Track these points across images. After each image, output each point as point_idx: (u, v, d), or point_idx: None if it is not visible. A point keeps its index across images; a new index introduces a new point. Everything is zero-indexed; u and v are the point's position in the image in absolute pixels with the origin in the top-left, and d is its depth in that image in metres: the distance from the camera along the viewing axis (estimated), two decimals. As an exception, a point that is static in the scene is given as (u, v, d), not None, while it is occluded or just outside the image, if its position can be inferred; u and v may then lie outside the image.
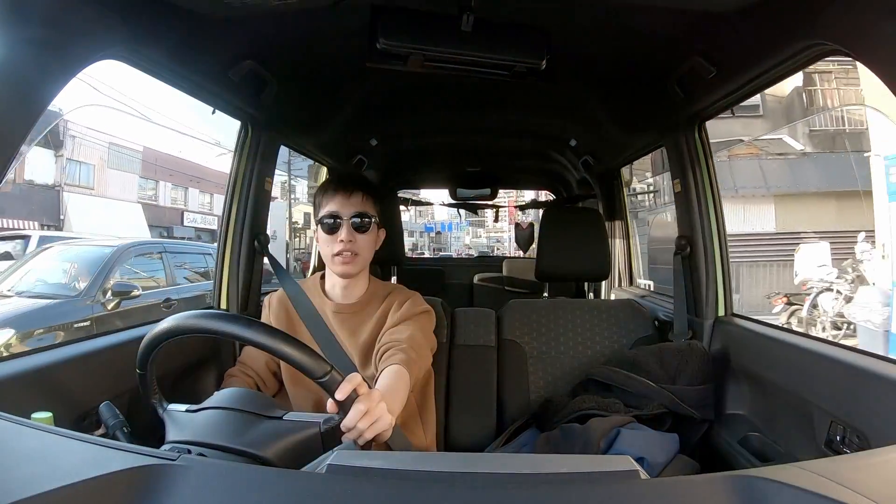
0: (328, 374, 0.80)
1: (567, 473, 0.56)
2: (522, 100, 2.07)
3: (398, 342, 1.17)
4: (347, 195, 1.25)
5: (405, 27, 1.11)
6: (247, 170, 1.63)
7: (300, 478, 0.58)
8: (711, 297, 1.56)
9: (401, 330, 1.22)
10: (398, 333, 1.21)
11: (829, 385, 1.05)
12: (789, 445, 1.19)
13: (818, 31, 0.97)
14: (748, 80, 1.26)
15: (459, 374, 1.57)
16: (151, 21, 1.04)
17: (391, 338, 1.19)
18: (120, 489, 0.48)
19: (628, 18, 1.27)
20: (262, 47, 1.35)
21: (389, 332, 1.23)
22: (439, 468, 0.59)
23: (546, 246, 1.92)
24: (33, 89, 0.85)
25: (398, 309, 1.29)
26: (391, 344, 1.17)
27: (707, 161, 1.59)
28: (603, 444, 1.23)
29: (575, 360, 1.62)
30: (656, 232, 9.68)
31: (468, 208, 4.15)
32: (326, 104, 1.89)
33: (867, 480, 0.51)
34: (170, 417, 0.88)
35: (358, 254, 1.24)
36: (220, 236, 1.65)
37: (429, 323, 1.32)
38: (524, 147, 2.88)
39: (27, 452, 0.54)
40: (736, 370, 1.41)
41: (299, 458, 0.81)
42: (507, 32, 1.17)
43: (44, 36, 0.84)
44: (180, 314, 0.84)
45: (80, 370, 1.04)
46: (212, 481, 0.53)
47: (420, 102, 2.12)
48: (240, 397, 0.86)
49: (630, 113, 1.88)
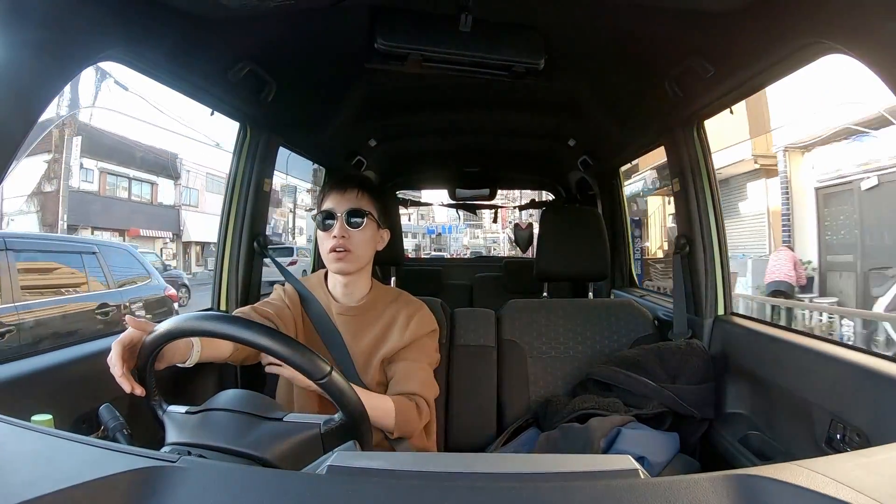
0: (327, 377, 0.80)
1: (567, 473, 0.56)
2: (521, 100, 2.07)
3: (411, 395, 1.21)
4: (342, 192, 1.25)
5: (403, 28, 1.11)
6: (246, 171, 1.63)
7: (300, 479, 0.58)
8: (711, 296, 1.57)
9: (410, 368, 1.25)
10: (409, 374, 1.24)
11: (829, 383, 1.05)
12: (789, 444, 1.19)
13: (817, 31, 0.97)
14: (746, 80, 1.26)
15: (459, 375, 1.57)
16: (149, 23, 1.04)
17: (402, 388, 1.22)
18: (120, 491, 0.48)
19: (626, 18, 1.27)
20: (260, 48, 1.35)
21: (402, 365, 1.25)
22: (439, 468, 0.58)
23: (545, 246, 1.92)
24: (32, 91, 0.85)
25: (405, 325, 1.28)
26: (403, 389, 1.22)
27: (706, 160, 1.59)
28: (603, 444, 1.23)
29: (575, 360, 1.62)
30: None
31: (467, 209, 4.14)
32: (325, 105, 1.89)
33: (868, 479, 0.51)
34: (170, 419, 0.88)
35: (352, 250, 1.23)
36: (219, 237, 1.65)
37: (434, 341, 1.34)
38: (523, 147, 2.88)
39: (27, 455, 0.54)
40: (736, 369, 1.41)
41: (300, 459, 0.81)
42: (505, 32, 1.17)
43: (42, 38, 0.84)
44: (181, 316, 0.85)
45: (80, 372, 1.04)
46: (212, 483, 0.52)
47: (418, 103, 2.12)
48: (240, 399, 0.86)
49: (628, 112, 1.88)
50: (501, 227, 21.53)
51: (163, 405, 0.90)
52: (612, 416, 1.31)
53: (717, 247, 1.57)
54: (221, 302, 1.62)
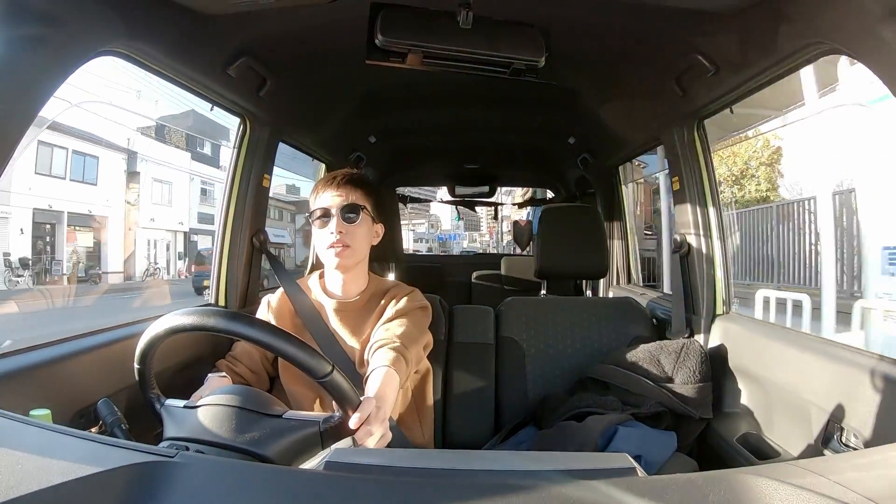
0: (329, 375, 0.80)
1: (564, 471, 0.56)
2: (521, 97, 2.07)
3: (391, 339, 1.16)
4: (336, 188, 1.26)
5: (404, 24, 1.10)
6: (245, 166, 1.63)
7: (298, 475, 0.58)
8: (709, 295, 1.57)
9: (396, 325, 1.22)
10: (393, 328, 1.21)
11: (827, 384, 1.06)
12: (787, 444, 1.19)
13: (818, 31, 0.97)
14: (747, 79, 1.26)
15: (457, 372, 1.57)
16: (150, 17, 1.03)
17: (385, 334, 1.19)
18: (118, 486, 0.48)
19: (628, 15, 1.27)
20: (260, 44, 1.35)
21: (384, 326, 1.22)
22: (437, 465, 0.59)
23: (545, 244, 1.93)
24: (32, 86, 0.84)
25: (396, 304, 1.29)
26: (385, 341, 1.16)
27: (706, 159, 1.59)
28: (600, 442, 1.23)
29: (573, 358, 1.62)
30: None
31: (467, 206, 4.14)
32: (325, 101, 1.89)
33: (865, 479, 0.51)
34: (168, 413, 0.87)
35: (350, 245, 1.24)
36: (218, 233, 1.65)
37: (425, 318, 1.32)
38: (522, 144, 2.88)
39: (25, 449, 0.54)
40: (734, 368, 1.42)
41: (299, 457, 0.81)
42: (505, 29, 1.16)
43: (42, 32, 0.83)
44: (181, 310, 0.84)
45: (78, 367, 1.04)
46: (210, 478, 0.52)
47: (418, 99, 2.12)
48: (239, 394, 0.86)
49: (629, 111, 1.88)
50: (489, 235, 24.06)
51: (161, 399, 0.90)
52: (609, 415, 1.32)
53: (716, 246, 1.57)
54: (220, 298, 1.61)
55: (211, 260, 1.66)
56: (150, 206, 17.75)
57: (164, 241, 18.60)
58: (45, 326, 7.76)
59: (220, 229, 1.64)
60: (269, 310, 1.34)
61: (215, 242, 1.66)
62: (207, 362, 1.28)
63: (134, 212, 17.20)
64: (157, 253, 18.31)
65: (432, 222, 41.51)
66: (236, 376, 1.24)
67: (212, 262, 1.65)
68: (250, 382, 1.26)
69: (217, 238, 1.65)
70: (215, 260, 1.64)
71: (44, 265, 14.30)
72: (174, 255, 18.88)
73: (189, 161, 18.96)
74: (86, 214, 15.69)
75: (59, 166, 14.79)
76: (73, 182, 15.23)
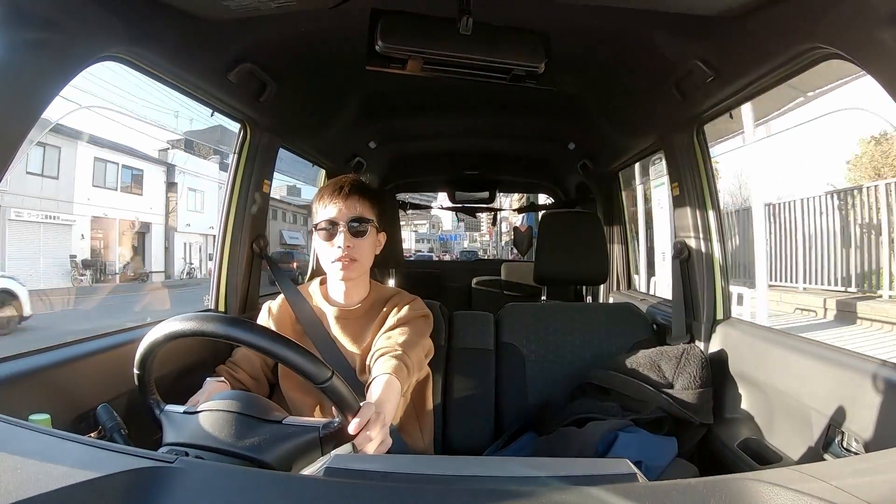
0: (329, 380, 0.80)
1: (565, 477, 0.56)
2: (521, 103, 2.07)
3: (393, 348, 1.16)
4: (344, 200, 1.24)
5: (404, 30, 1.11)
6: (245, 172, 1.63)
7: (298, 480, 0.58)
8: (709, 300, 1.56)
9: (397, 333, 1.22)
10: (395, 337, 1.20)
11: (827, 388, 1.05)
12: (788, 449, 1.19)
13: (817, 37, 0.97)
14: (747, 84, 1.26)
15: (458, 378, 1.57)
16: (151, 23, 1.04)
17: (387, 342, 1.18)
18: (117, 491, 0.48)
19: (627, 22, 1.27)
20: (261, 50, 1.35)
21: (386, 334, 1.22)
22: (437, 471, 0.58)
23: (545, 249, 1.93)
24: (33, 90, 0.85)
25: (398, 312, 1.28)
26: (387, 349, 1.16)
27: (705, 165, 1.60)
28: (601, 448, 1.22)
29: (573, 364, 1.62)
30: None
31: (467, 212, 4.14)
32: (326, 107, 1.89)
33: (866, 484, 0.51)
34: (167, 419, 0.87)
35: (357, 259, 1.23)
36: (218, 239, 1.65)
37: (426, 327, 1.32)
38: (522, 150, 2.89)
39: (24, 454, 0.54)
40: (734, 373, 1.41)
41: (298, 462, 0.81)
42: (505, 36, 1.17)
43: (43, 37, 0.84)
44: (181, 316, 0.84)
45: (78, 372, 1.04)
46: (209, 484, 0.52)
47: (419, 105, 2.13)
48: (238, 400, 0.85)
49: (628, 116, 1.88)
50: (489, 235, 26.30)
51: (160, 404, 0.90)
52: (610, 421, 1.31)
53: (716, 251, 1.57)
54: (220, 304, 1.61)
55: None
56: (186, 213, 19.34)
57: (198, 244, 20.15)
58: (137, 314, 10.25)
59: (220, 235, 1.64)
60: (269, 316, 1.34)
61: (216, 248, 1.65)
62: (207, 368, 1.28)
63: (172, 217, 18.79)
64: (192, 255, 19.93)
65: (434, 223, 43.66)
66: (236, 382, 1.24)
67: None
68: (250, 388, 1.25)
69: (217, 243, 1.65)
70: (215, 265, 1.64)
71: (99, 266, 16.14)
72: (205, 257, 20.27)
73: (217, 171, 20.07)
74: (133, 220, 17.38)
75: (112, 179, 16.71)
76: (123, 192, 17.11)
